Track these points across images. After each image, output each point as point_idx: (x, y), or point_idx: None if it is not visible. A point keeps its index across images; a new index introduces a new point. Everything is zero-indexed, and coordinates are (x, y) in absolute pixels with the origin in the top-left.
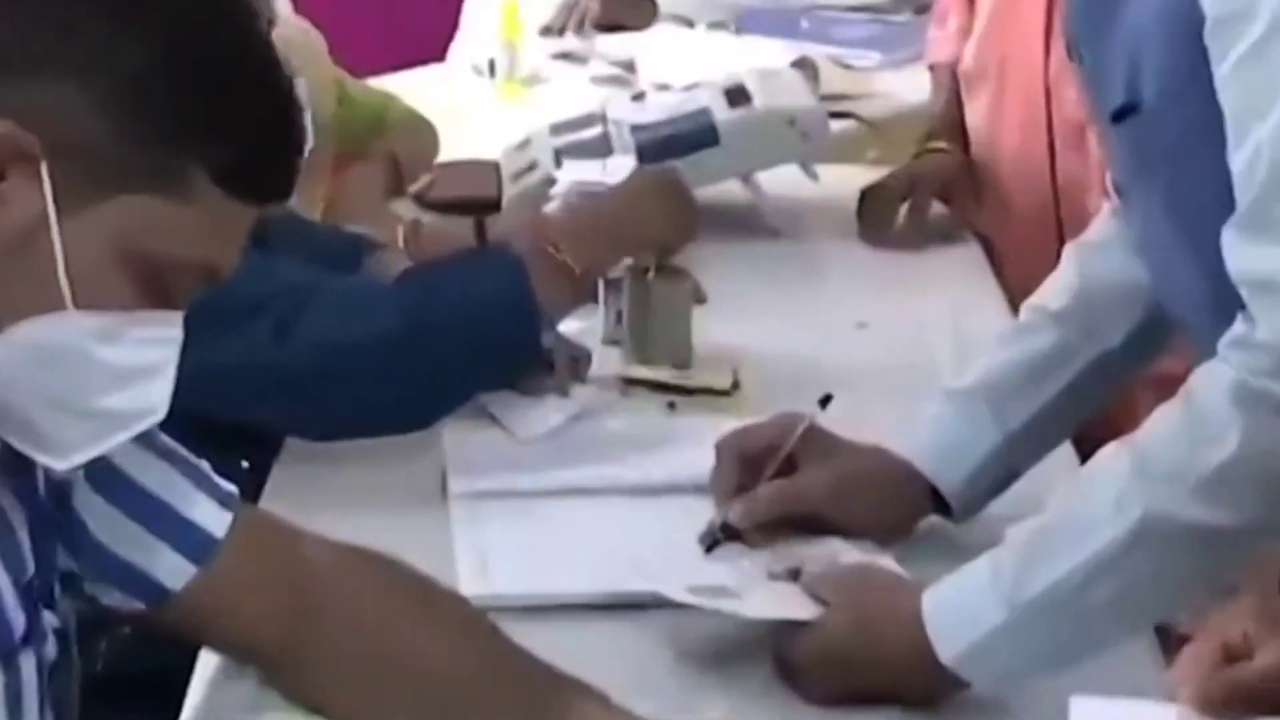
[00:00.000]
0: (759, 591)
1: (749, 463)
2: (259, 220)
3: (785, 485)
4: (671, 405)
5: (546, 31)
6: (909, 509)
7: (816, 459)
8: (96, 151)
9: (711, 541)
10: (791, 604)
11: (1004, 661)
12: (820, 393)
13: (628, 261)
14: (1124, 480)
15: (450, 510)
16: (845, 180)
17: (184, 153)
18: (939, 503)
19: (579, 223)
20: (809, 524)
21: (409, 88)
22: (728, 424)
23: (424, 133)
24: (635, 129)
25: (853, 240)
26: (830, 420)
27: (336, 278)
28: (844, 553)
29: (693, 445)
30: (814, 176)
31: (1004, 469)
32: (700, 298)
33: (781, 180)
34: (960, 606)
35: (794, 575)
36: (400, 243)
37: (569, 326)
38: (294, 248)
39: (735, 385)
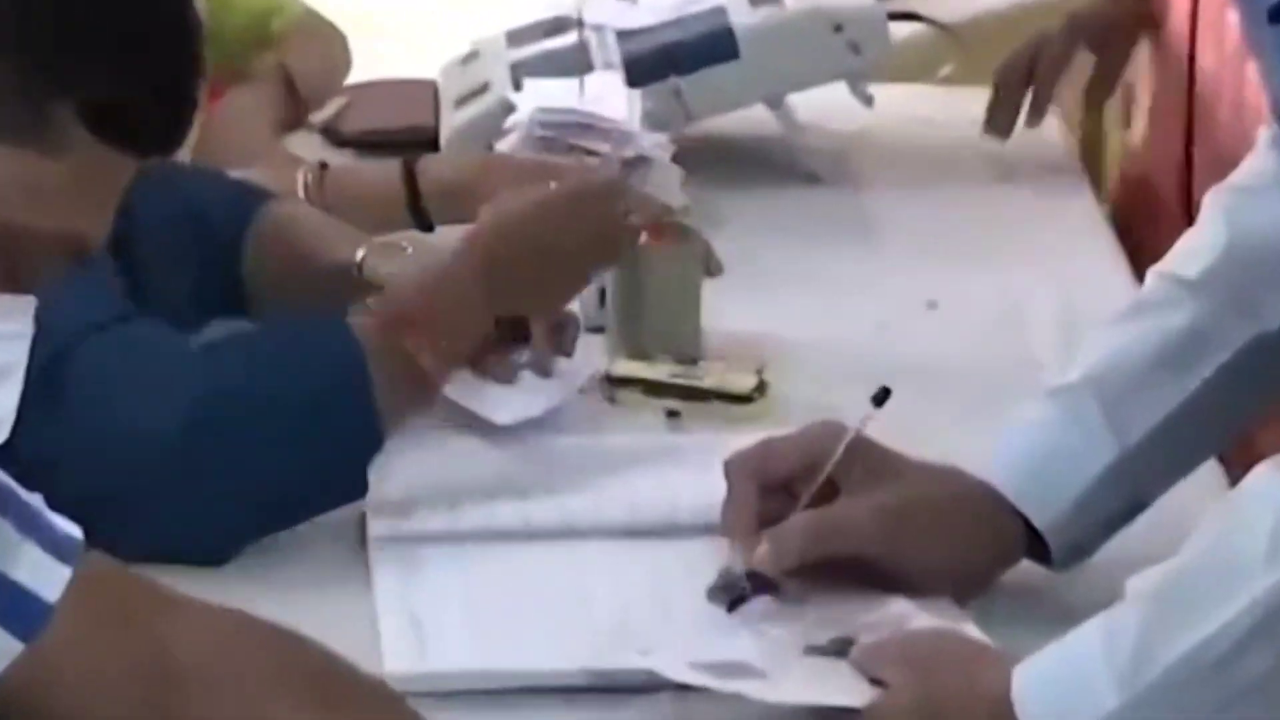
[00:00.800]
0: (794, 670)
1: (773, 490)
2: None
3: (823, 517)
4: (674, 414)
5: None
6: (991, 550)
7: (866, 482)
8: None
9: (734, 596)
10: (837, 686)
11: None
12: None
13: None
14: None
15: (370, 560)
16: (909, 106)
17: (47, 89)
18: (1033, 542)
19: (454, 295)
20: (856, 571)
21: None
22: (750, 440)
23: (328, 41)
24: (623, 36)
25: (919, 188)
26: (886, 429)
27: (122, 326)
28: (911, 616)
29: (701, 469)
30: (867, 101)
31: (1123, 497)
32: (713, 269)
33: (824, 106)
34: (1063, 687)
35: (842, 648)
36: (300, 193)
37: None
38: (153, 205)
39: (760, 388)
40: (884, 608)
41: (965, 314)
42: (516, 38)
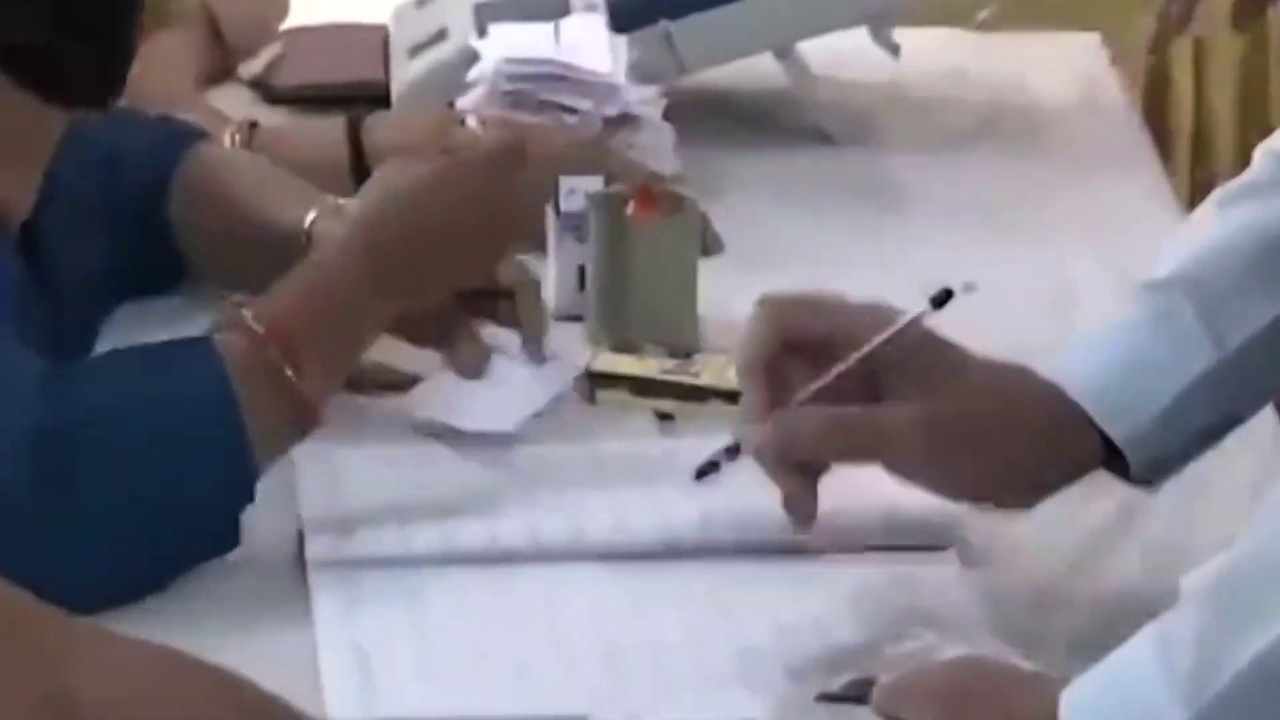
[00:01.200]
0: None
1: (798, 356)
2: None
3: (858, 413)
4: (665, 417)
5: None
6: (1059, 467)
7: (917, 382)
8: None
9: (706, 464)
10: None
11: None
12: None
13: (586, 184)
14: None
15: (310, 586)
16: (942, 54)
17: None
18: (1111, 455)
19: (338, 297)
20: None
21: None
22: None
23: None
24: None
25: (952, 151)
26: None
27: None
28: (938, 648)
29: (698, 482)
30: (893, 49)
31: (1217, 410)
32: (712, 246)
33: (841, 55)
34: (1118, 710)
35: (862, 691)
36: None
37: None
38: (60, 157)
39: None
40: (907, 640)
41: (1008, 297)
42: None
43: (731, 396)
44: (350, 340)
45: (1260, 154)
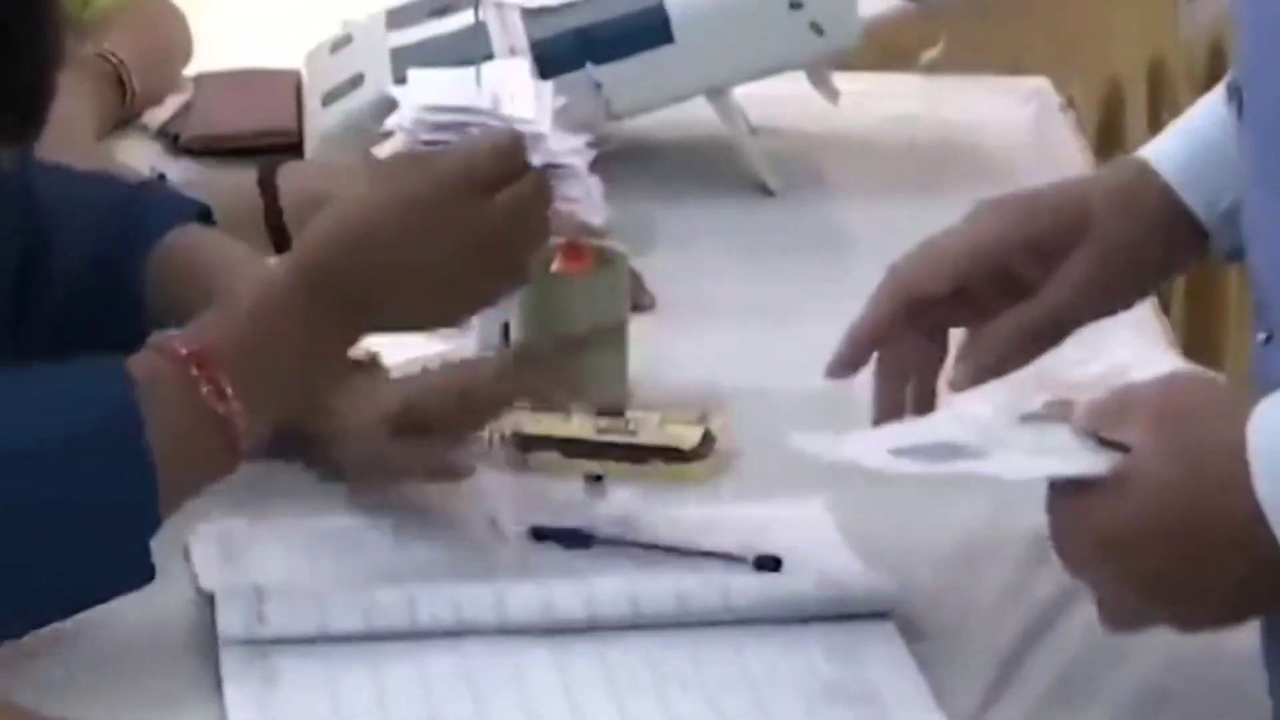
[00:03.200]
0: (1014, 443)
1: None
2: None
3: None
4: (594, 479)
5: None
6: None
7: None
8: None
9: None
10: (1070, 456)
11: None
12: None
13: None
14: None
15: (221, 670)
16: (884, 99)
17: None
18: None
19: (266, 334)
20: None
21: None
22: (692, 507)
23: (163, 21)
24: (529, 15)
25: (896, 200)
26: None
27: None
28: (1130, 366)
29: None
30: (832, 94)
31: None
32: (643, 301)
33: (779, 101)
34: None
35: (1063, 413)
36: None
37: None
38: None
39: (705, 442)
40: (1095, 359)
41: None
42: (398, 17)
43: (666, 454)
44: (287, 369)
45: None
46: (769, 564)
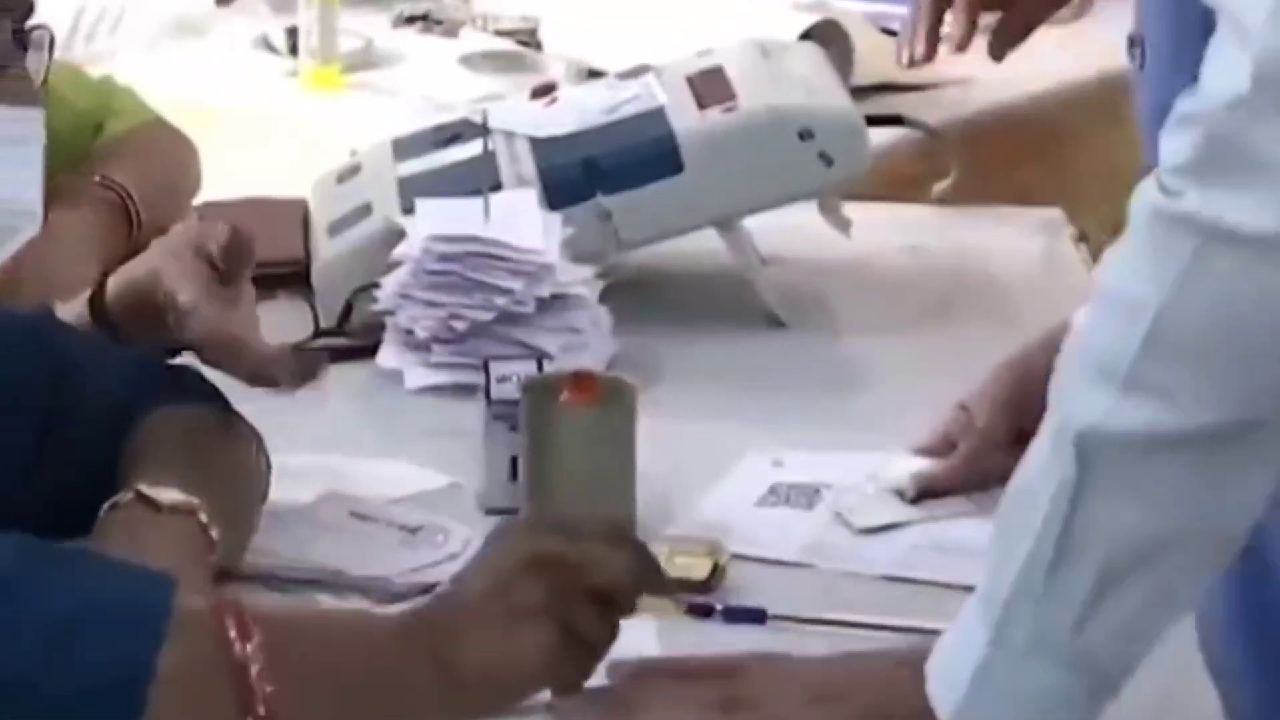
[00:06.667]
0: None
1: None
2: None
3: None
4: None
5: None
6: None
7: None
8: None
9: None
10: None
11: (1018, 703)
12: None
13: (519, 370)
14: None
15: None
16: (896, 231)
17: None
18: None
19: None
20: None
21: (145, 74)
22: (703, 640)
23: (173, 150)
24: (538, 145)
25: (909, 333)
26: None
27: None
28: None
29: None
30: (843, 225)
31: None
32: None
33: (790, 231)
34: (953, 643)
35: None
36: None
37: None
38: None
39: (714, 573)
40: None
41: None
42: (405, 147)
43: (685, 586)
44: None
45: None
46: None
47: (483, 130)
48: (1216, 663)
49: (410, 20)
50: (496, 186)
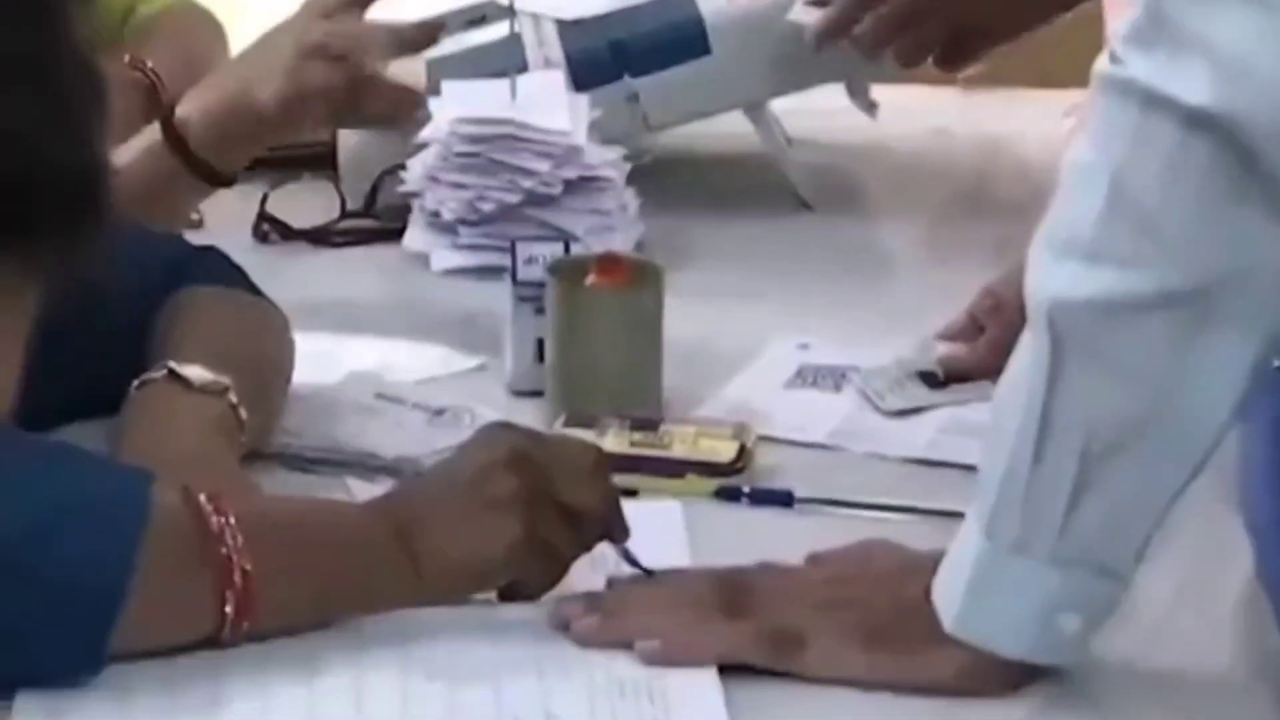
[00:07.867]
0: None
1: None
2: None
3: None
4: (629, 493)
5: None
6: None
7: None
8: None
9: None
10: None
11: (1015, 608)
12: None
13: (546, 251)
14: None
15: None
16: (924, 114)
17: None
18: None
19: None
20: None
21: None
22: (730, 523)
23: (200, 34)
24: (565, 28)
25: (937, 216)
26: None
27: None
28: None
29: (672, 552)
30: (871, 108)
31: None
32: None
33: (817, 115)
34: (953, 553)
35: None
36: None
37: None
38: None
39: (741, 456)
40: None
41: None
42: None
43: (705, 468)
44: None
45: None
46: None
47: (509, 12)
48: (1254, 518)
49: None
50: (523, 68)
